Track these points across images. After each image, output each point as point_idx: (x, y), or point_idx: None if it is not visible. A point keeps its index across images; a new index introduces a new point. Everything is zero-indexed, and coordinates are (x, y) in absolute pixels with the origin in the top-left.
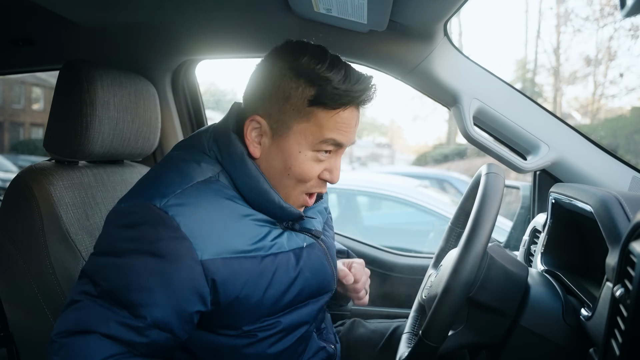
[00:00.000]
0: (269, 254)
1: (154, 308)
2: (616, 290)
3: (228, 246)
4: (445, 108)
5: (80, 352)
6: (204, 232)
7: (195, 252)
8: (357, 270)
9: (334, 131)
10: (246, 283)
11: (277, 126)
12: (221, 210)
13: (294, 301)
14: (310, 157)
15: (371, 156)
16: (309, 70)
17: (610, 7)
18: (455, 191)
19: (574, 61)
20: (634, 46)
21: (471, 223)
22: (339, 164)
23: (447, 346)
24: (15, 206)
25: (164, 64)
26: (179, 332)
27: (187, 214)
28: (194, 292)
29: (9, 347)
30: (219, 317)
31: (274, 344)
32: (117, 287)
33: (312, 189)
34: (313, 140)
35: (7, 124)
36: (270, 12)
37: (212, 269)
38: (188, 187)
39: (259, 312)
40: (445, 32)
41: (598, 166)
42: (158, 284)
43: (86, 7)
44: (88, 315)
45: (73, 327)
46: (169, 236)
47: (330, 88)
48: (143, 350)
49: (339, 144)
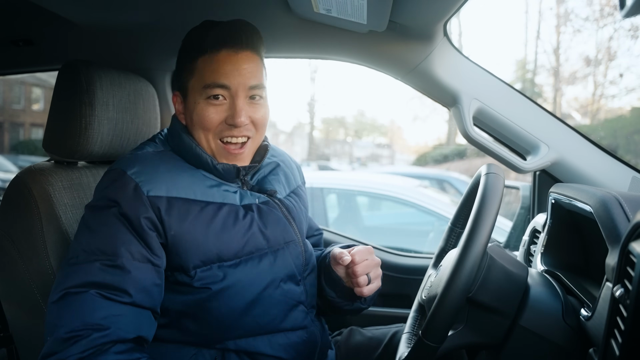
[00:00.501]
0: (213, 202)
1: (123, 243)
2: (616, 291)
3: (172, 190)
4: (445, 108)
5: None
6: (148, 176)
7: (142, 189)
8: (358, 252)
9: (212, 75)
10: (189, 222)
11: (183, 92)
12: (166, 163)
13: (245, 250)
14: (203, 104)
15: (371, 156)
16: (188, 36)
17: (610, 7)
18: (455, 191)
19: (574, 61)
20: (634, 46)
21: (471, 223)
22: (238, 106)
23: (447, 346)
24: (15, 206)
25: (164, 64)
26: (155, 260)
27: (132, 164)
28: (148, 220)
29: (8, 347)
30: (171, 255)
31: (234, 298)
32: (90, 242)
33: (223, 133)
34: (200, 89)
35: (7, 124)
36: (270, 13)
37: (157, 203)
38: (138, 152)
39: (205, 253)
40: (445, 32)
41: (598, 166)
42: (119, 224)
43: (86, 7)
44: (74, 273)
45: (62, 287)
46: (118, 184)
47: (197, 38)
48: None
49: (222, 85)
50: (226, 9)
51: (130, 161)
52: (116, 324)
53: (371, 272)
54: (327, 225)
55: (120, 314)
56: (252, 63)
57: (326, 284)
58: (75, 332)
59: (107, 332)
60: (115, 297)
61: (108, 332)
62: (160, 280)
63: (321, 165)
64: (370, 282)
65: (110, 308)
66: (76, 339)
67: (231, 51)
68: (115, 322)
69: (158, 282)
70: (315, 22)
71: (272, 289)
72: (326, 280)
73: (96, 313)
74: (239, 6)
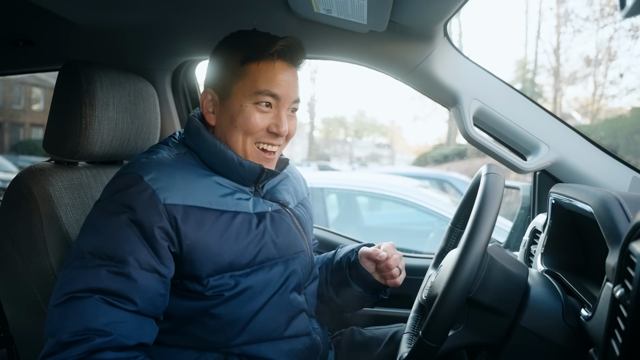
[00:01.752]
0: (228, 211)
1: (132, 252)
2: (616, 291)
3: (188, 198)
4: (445, 108)
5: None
6: (165, 183)
7: (159, 197)
8: (387, 248)
9: (267, 83)
10: (205, 230)
11: (222, 92)
12: (182, 170)
13: (257, 260)
14: (250, 108)
15: (371, 156)
16: (239, 40)
17: (610, 7)
18: (455, 191)
19: (574, 61)
20: (634, 46)
21: (471, 223)
22: (283, 117)
23: (447, 346)
24: (15, 207)
25: (164, 65)
26: (162, 270)
27: (149, 170)
28: (161, 230)
29: (9, 347)
30: (184, 264)
31: (244, 305)
32: (97, 245)
33: (262, 139)
34: (249, 93)
35: (7, 124)
36: (270, 13)
37: (173, 212)
38: (154, 157)
39: (219, 262)
40: (445, 32)
41: (598, 166)
42: (130, 231)
43: (86, 7)
44: (80, 277)
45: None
46: (134, 189)
47: (254, 45)
48: (138, 300)
49: (274, 94)
50: (226, 9)
51: (147, 166)
52: (119, 331)
53: (399, 264)
54: (327, 225)
55: (124, 320)
56: (298, 79)
57: (353, 281)
58: (78, 336)
59: (109, 339)
60: (120, 304)
61: (110, 338)
62: (165, 290)
63: (321, 165)
64: (400, 273)
65: (114, 314)
66: (78, 342)
67: (286, 64)
68: (117, 328)
69: (163, 292)
70: (315, 22)
71: (278, 297)
72: (354, 277)
73: (99, 319)
74: (239, 6)
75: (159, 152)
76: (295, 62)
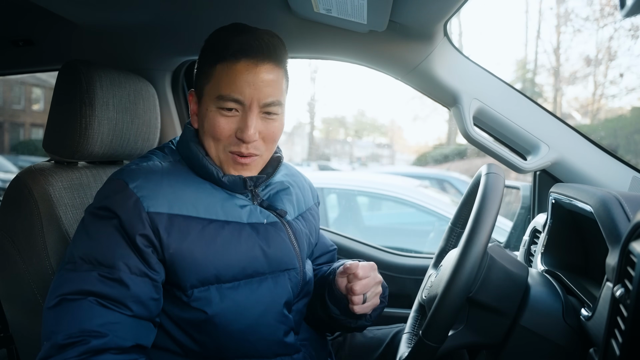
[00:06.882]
0: (216, 220)
1: (121, 257)
2: (616, 290)
3: (174, 206)
4: (445, 108)
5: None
6: (150, 191)
7: (142, 204)
8: (362, 268)
9: (228, 86)
10: (190, 240)
11: (198, 94)
12: (171, 178)
13: (245, 273)
14: (214, 113)
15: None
16: (213, 38)
17: (610, 7)
18: (455, 191)
19: (574, 61)
20: (634, 46)
21: (471, 223)
22: (250, 121)
23: (447, 346)
24: (15, 207)
25: (164, 65)
26: (152, 274)
27: (136, 177)
28: (144, 238)
29: (9, 347)
30: (169, 272)
31: (232, 322)
32: (87, 251)
33: (231, 147)
34: (214, 97)
35: (7, 124)
36: (270, 12)
37: (156, 220)
38: (144, 164)
39: (204, 273)
40: (445, 32)
41: (598, 166)
42: (119, 236)
43: (86, 7)
44: (71, 280)
45: (59, 293)
46: (119, 196)
47: (219, 42)
48: (131, 305)
49: (236, 99)
50: (226, 9)
51: (135, 173)
52: (114, 332)
53: (369, 291)
54: (327, 225)
55: (119, 322)
56: (271, 76)
57: (330, 301)
58: (73, 338)
59: (105, 340)
60: (114, 307)
61: (106, 339)
62: (158, 294)
63: (321, 165)
64: (366, 301)
65: (108, 316)
66: (74, 344)
67: (251, 62)
68: (113, 329)
69: (156, 296)
70: (315, 22)
71: (268, 314)
72: (329, 296)
73: (94, 320)
74: (239, 6)
75: (151, 159)
76: (265, 58)
